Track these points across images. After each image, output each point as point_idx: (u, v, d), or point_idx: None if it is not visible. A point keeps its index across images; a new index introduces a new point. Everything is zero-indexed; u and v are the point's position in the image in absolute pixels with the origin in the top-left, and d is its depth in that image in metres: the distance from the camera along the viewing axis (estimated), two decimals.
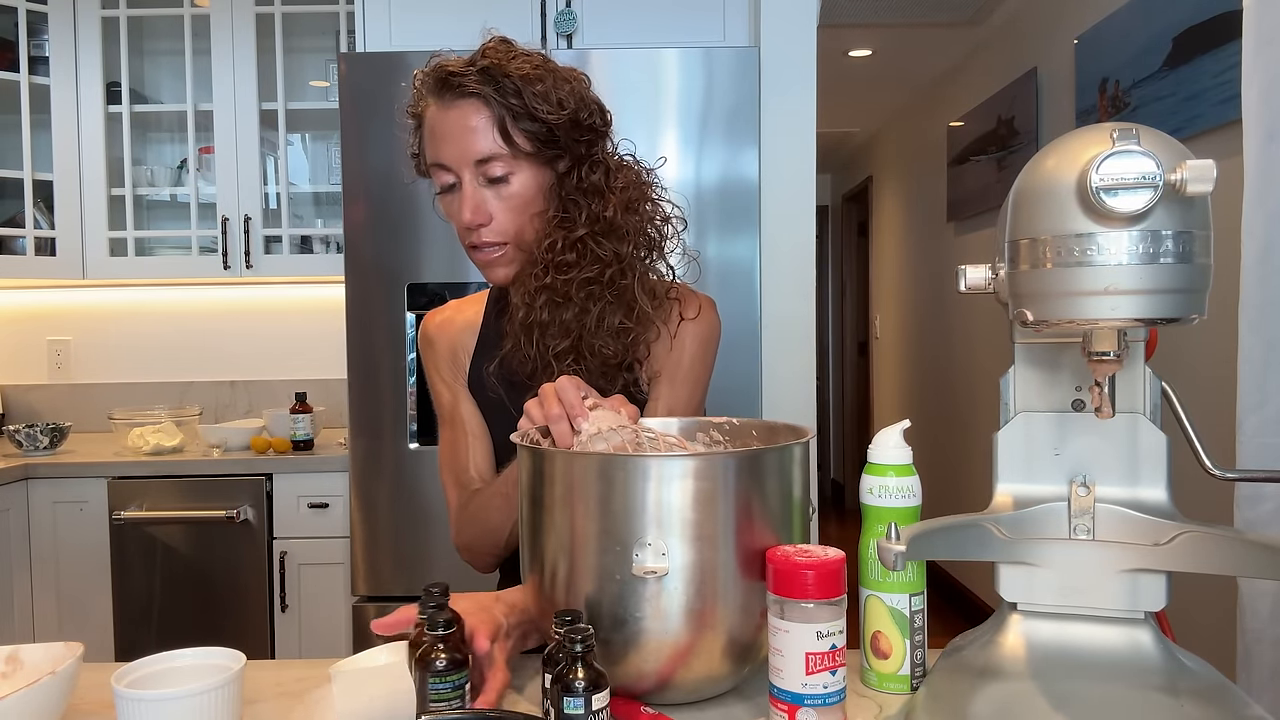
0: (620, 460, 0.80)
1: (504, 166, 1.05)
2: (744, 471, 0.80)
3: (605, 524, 0.78)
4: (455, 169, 1.06)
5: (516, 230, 1.07)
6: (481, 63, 1.05)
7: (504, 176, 1.05)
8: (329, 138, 3.01)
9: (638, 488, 0.78)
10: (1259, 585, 1.35)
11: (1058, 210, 0.69)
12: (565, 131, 1.05)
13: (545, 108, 1.03)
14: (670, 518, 0.77)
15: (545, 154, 1.06)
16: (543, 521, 0.82)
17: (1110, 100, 2.71)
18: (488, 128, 1.04)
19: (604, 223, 1.06)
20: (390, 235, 2.18)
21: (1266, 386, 1.34)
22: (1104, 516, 0.79)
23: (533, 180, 1.07)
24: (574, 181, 1.07)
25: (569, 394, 0.91)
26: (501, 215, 1.07)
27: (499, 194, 1.06)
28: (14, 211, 2.76)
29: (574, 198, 1.07)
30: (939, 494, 4.20)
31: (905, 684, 0.85)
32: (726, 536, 0.79)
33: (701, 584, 0.78)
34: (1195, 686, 0.72)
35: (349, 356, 2.20)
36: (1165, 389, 0.80)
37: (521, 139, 1.04)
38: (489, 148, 1.04)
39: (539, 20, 2.38)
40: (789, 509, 0.84)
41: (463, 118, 1.04)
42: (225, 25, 2.73)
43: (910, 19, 3.71)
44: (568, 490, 0.81)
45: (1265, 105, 1.34)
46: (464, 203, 1.06)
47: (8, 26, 2.69)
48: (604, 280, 1.06)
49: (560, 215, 1.07)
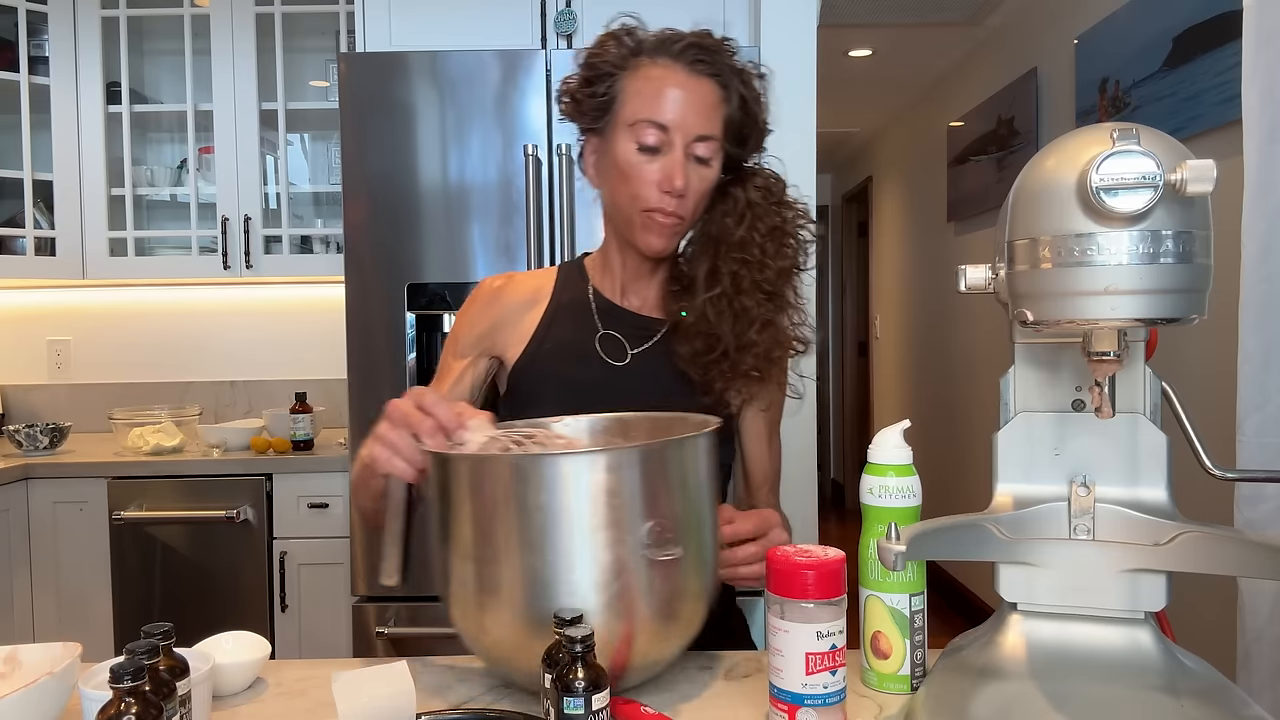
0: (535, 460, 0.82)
1: (711, 150, 1.08)
2: (649, 464, 0.83)
3: (528, 523, 0.80)
4: (672, 135, 1.07)
5: (695, 209, 1.11)
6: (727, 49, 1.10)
7: (708, 159, 1.09)
8: (329, 138, 3.01)
9: (552, 485, 0.80)
10: (1259, 585, 1.35)
11: (1058, 210, 0.69)
12: (754, 138, 1.13)
13: (757, 111, 1.11)
14: (582, 512, 0.79)
15: (731, 149, 1.11)
16: (463, 528, 0.83)
17: (1110, 100, 2.71)
18: (719, 110, 1.08)
19: (792, 230, 1.12)
20: (390, 235, 2.18)
21: (1267, 386, 1.34)
22: (1104, 516, 0.79)
23: (717, 170, 1.11)
24: (754, 185, 1.12)
25: (442, 408, 0.89)
26: (692, 193, 1.09)
27: (697, 172, 1.09)
28: (14, 211, 2.76)
29: (757, 201, 1.11)
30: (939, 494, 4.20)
31: (905, 684, 0.85)
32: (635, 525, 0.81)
33: (620, 575, 0.80)
34: (1195, 686, 0.72)
35: (349, 356, 2.20)
36: (1165, 389, 0.80)
37: (729, 132, 1.10)
38: (712, 129, 1.08)
39: (539, 20, 2.38)
40: (698, 498, 0.87)
41: (704, 91, 1.07)
42: (225, 25, 2.73)
43: (910, 19, 3.71)
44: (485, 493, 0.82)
45: (1265, 105, 1.34)
46: (675, 169, 1.07)
47: (8, 26, 2.69)
48: (792, 278, 1.13)
49: (749, 214, 1.11)
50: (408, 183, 2.18)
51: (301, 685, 0.91)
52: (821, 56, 2.28)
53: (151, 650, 0.70)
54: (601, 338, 1.15)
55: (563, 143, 2.16)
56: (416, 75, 2.18)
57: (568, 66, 2.18)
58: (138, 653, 0.69)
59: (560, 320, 1.17)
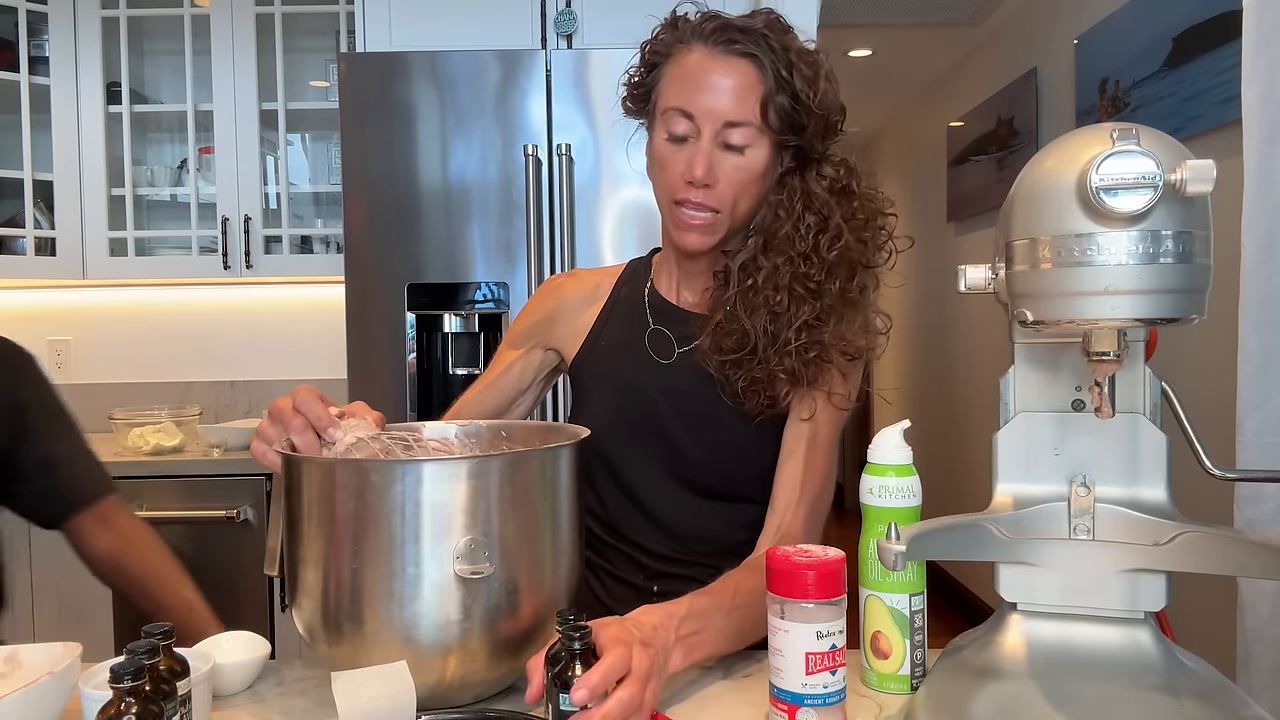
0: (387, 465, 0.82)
1: (747, 137, 1.01)
2: (513, 472, 0.83)
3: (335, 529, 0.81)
4: (699, 122, 1.01)
5: (733, 201, 1.03)
6: (763, 27, 1.01)
7: (742, 147, 1.01)
8: (329, 138, 3.01)
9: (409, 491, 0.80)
10: (1259, 585, 1.35)
11: (1057, 210, 0.69)
12: (816, 121, 1.02)
13: (810, 92, 1.00)
14: (391, 522, 0.80)
15: (783, 137, 1.02)
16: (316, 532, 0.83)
17: (1110, 100, 2.71)
18: (752, 93, 1.00)
19: (858, 224, 1.03)
20: (390, 235, 2.18)
21: (1267, 386, 1.34)
22: (1104, 516, 0.79)
23: (763, 158, 1.02)
24: (816, 176, 1.04)
25: (312, 406, 0.89)
26: (726, 183, 1.02)
27: (731, 161, 1.02)
28: (14, 211, 2.76)
29: (819, 193, 1.03)
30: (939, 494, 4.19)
31: (905, 684, 0.85)
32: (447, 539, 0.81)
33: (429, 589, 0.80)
34: (1195, 686, 0.72)
35: (349, 356, 2.20)
36: (1165, 389, 0.80)
37: (774, 115, 1.00)
38: (744, 114, 1.00)
39: (539, 20, 2.38)
40: (559, 507, 0.88)
41: (731, 73, 1.00)
42: (225, 25, 2.73)
43: (910, 19, 3.71)
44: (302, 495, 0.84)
45: (1265, 105, 1.34)
46: (698, 158, 1.01)
47: (8, 26, 2.69)
48: (852, 282, 1.03)
49: (812, 207, 1.03)
50: (408, 183, 2.18)
51: (301, 685, 0.91)
52: None
53: (151, 650, 0.70)
54: (651, 334, 1.13)
55: (563, 143, 2.16)
56: (416, 75, 2.18)
57: (568, 66, 2.19)
58: (138, 653, 0.69)
59: (616, 317, 1.17)
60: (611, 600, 1.11)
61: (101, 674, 0.77)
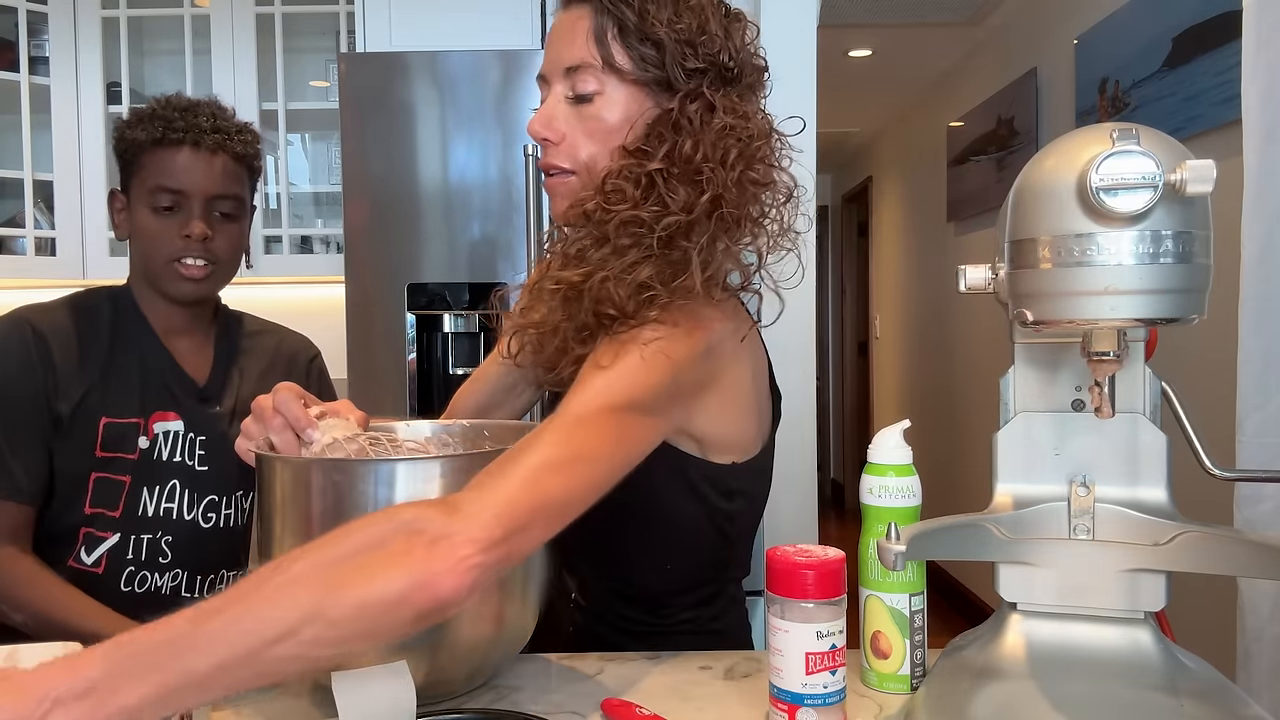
0: (361, 465, 0.82)
1: (594, 83, 0.91)
2: (448, 476, 0.82)
3: (301, 528, 0.81)
4: (549, 77, 0.94)
5: (589, 157, 0.92)
6: None
7: (590, 95, 0.91)
8: (329, 138, 3.01)
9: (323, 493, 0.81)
10: (1259, 585, 1.35)
11: (1057, 210, 0.69)
12: (674, 58, 0.90)
13: (660, 28, 0.89)
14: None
15: (646, 80, 0.91)
16: (286, 531, 0.84)
17: (1110, 100, 2.71)
18: (586, 35, 0.91)
19: (683, 163, 0.88)
20: (390, 235, 2.18)
21: (1267, 386, 1.34)
22: (1104, 516, 0.79)
23: (622, 106, 0.91)
24: (668, 116, 0.91)
25: (290, 406, 0.89)
26: (576, 136, 0.92)
27: (580, 113, 0.92)
28: (14, 211, 2.76)
29: (660, 130, 0.91)
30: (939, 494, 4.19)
31: (905, 684, 0.85)
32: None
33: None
34: (1195, 686, 0.72)
35: (349, 356, 2.20)
36: (1165, 389, 0.80)
37: (621, 55, 0.90)
38: (581, 56, 0.91)
39: (539, 20, 2.38)
40: None
41: (569, 21, 0.93)
42: (225, 25, 2.73)
43: (910, 19, 3.71)
44: (274, 495, 0.84)
45: (1265, 105, 1.34)
46: (538, 113, 0.93)
47: (8, 26, 2.69)
48: (655, 229, 0.86)
49: (639, 147, 0.91)
50: (408, 183, 2.18)
51: (302, 685, 0.91)
52: (821, 56, 2.27)
53: None
54: None
55: None
56: (416, 75, 2.18)
57: None
58: None
59: None
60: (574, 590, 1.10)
61: None
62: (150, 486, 1.23)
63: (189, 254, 1.25)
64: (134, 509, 1.22)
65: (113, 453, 1.21)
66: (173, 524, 1.24)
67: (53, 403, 1.18)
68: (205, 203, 1.25)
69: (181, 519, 1.24)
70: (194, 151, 1.24)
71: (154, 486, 1.23)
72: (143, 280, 1.30)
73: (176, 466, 1.25)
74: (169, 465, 1.24)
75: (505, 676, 0.91)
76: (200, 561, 1.27)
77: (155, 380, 1.26)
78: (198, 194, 1.25)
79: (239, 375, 1.36)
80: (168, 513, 1.23)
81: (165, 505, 1.23)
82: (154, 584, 1.23)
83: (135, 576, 1.22)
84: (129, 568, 1.22)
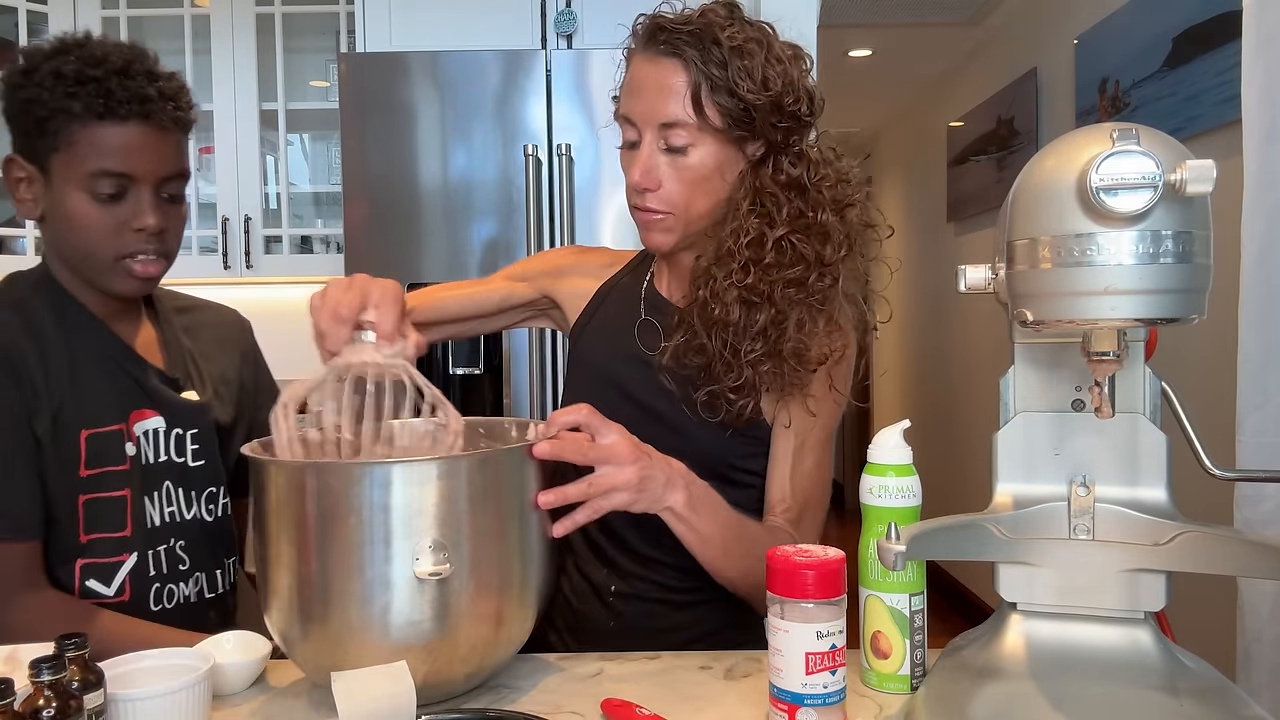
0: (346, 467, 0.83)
1: (687, 136, 0.99)
2: (479, 472, 0.84)
3: (297, 532, 0.82)
4: (639, 126, 1.01)
5: (685, 202, 1.02)
6: (696, 23, 0.99)
7: (684, 147, 0.99)
8: (329, 138, 3.01)
9: (319, 496, 0.81)
10: (1259, 585, 1.35)
11: (1057, 210, 0.69)
12: (763, 114, 0.98)
13: (747, 84, 0.97)
14: (350, 525, 0.80)
15: (735, 133, 0.99)
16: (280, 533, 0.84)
17: (1110, 100, 2.71)
18: (681, 93, 0.98)
19: (807, 221, 1.00)
20: (390, 235, 2.18)
21: (1267, 386, 1.34)
22: (1104, 516, 0.79)
23: (713, 157, 1.00)
24: (771, 172, 1.01)
25: (388, 312, 0.95)
26: (671, 185, 1.01)
27: (674, 163, 1.00)
28: (14, 211, 2.76)
29: (772, 191, 1.00)
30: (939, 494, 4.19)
31: (905, 684, 0.85)
32: (466, 533, 0.82)
33: (385, 590, 0.80)
34: (1195, 686, 0.72)
35: None
36: (1165, 389, 0.80)
37: (713, 112, 0.98)
38: (677, 114, 0.98)
39: (539, 20, 2.38)
40: (527, 506, 0.88)
41: (660, 75, 0.99)
42: (225, 25, 2.73)
43: (910, 19, 3.71)
44: (270, 497, 0.84)
45: (1265, 105, 1.34)
46: (637, 164, 1.01)
47: (8, 26, 2.69)
48: (807, 283, 0.99)
49: (758, 208, 1.00)
50: (408, 183, 2.18)
51: (301, 685, 0.91)
52: (821, 56, 2.27)
53: (56, 665, 0.68)
54: (641, 324, 1.13)
55: (562, 143, 2.16)
56: (416, 75, 2.18)
57: (568, 66, 2.19)
58: (41, 667, 0.67)
59: (613, 299, 1.18)
60: (573, 594, 1.11)
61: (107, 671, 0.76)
62: (150, 494, 1.09)
63: (142, 250, 1.06)
64: (142, 523, 1.08)
65: (99, 468, 1.05)
66: (180, 527, 1.12)
67: (32, 424, 1.01)
68: (155, 186, 1.07)
69: (186, 520, 1.13)
70: (143, 128, 1.05)
71: (152, 493, 1.09)
72: (66, 268, 1.10)
73: (165, 466, 1.11)
74: (159, 467, 1.10)
75: (505, 676, 0.91)
76: (216, 558, 1.16)
77: (122, 376, 1.09)
78: (148, 178, 1.05)
79: (192, 357, 1.20)
80: (173, 517, 1.11)
81: (168, 510, 1.11)
82: (180, 595, 1.11)
83: (163, 592, 1.09)
84: (154, 585, 1.08)
